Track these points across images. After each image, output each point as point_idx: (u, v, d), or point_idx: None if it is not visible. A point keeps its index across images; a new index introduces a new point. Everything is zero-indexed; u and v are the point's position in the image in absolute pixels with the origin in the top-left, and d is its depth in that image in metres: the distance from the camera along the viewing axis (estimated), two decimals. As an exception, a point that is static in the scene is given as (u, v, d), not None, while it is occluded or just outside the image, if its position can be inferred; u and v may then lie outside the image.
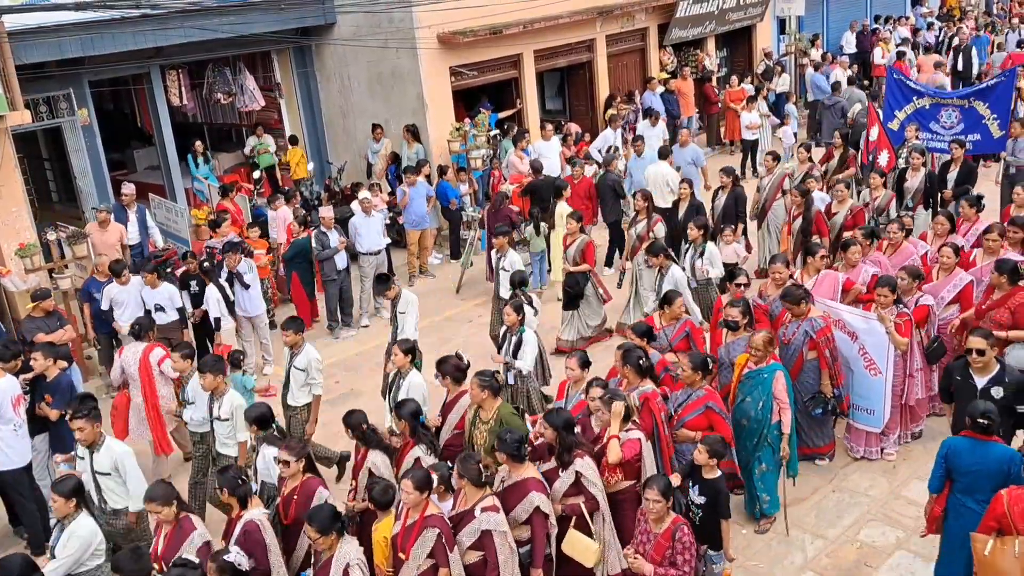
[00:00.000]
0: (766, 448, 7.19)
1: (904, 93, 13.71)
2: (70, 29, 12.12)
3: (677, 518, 5.68)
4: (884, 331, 7.74)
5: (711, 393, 6.93)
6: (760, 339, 7.13)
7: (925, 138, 13.26)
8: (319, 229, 12.08)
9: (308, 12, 15.20)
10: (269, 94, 16.09)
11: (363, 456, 6.72)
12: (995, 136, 12.89)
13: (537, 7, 15.46)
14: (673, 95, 18.18)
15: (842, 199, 11.10)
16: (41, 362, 8.23)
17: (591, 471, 6.10)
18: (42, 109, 12.83)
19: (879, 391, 7.94)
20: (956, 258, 8.49)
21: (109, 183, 13.78)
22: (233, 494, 6.05)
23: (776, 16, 21.72)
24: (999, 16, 28.48)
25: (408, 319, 9.29)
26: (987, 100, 12.90)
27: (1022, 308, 7.73)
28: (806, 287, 8.14)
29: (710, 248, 10.14)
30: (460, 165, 14.74)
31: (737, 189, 11.96)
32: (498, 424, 6.76)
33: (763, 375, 7.11)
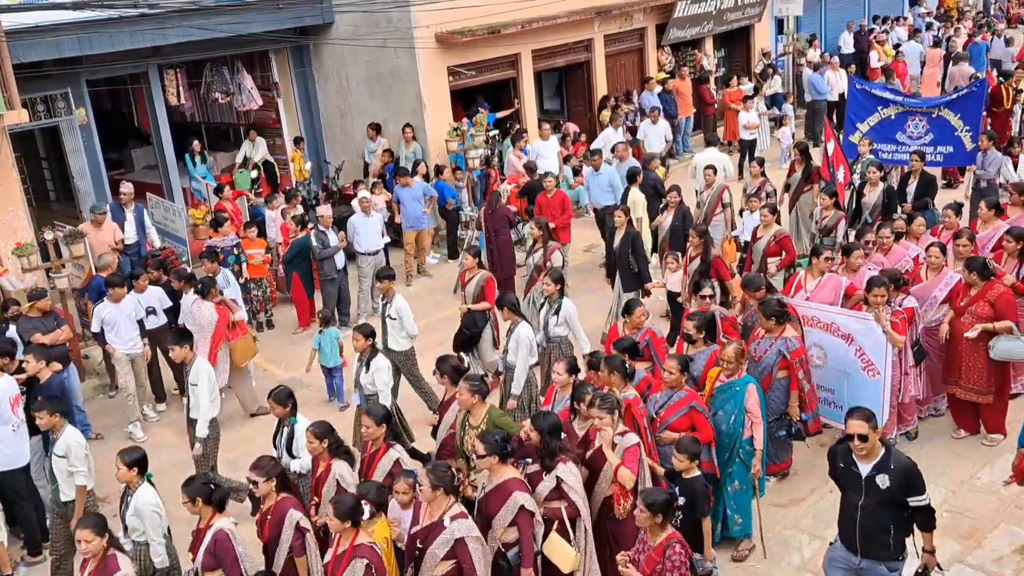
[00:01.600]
0: (738, 464, 7.04)
1: (868, 103, 13.05)
2: (68, 28, 12.11)
3: (672, 534, 5.58)
4: (881, 331, 7.73)
5: (692, 393, 6.92)
6: (732, 351, 6.98)
7: (889, 150, 12.74)
8: (318, 228, 12.08)
9: (306, 12, 15.19)
10: (267, 94, 16.08)
11: (327, 468, 6.49)
12: (967, 148, 12.38)
13: (535, 7, 15.46)
14: (671, 95, 18.18)
15: (767, 223, 10.44)
16: (33, 364, 8.22)
17: (573, 478, 6.08)
18: (39, 108, 12.82)
19: (877, 392, 7.90)
20: (944, 257, 8.52)
21: (107, 182, 13.77)
22: (208, 502, 5.89)
23: (774, 16, 21.73)
24: (996, 16, 28.53)
25: (404, 323, 9.22)
26: (957, 111, 12.32)
27: (1001, 299, 7.89)
28: (786, 305, 7.90)
29: (566, 306, 8.89)
30: (457, 165, 14.74)
31: (683, 207, 11.44)
32: (491, 427, 6.67)
33: (735, 388, 6.97)
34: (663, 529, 5.54)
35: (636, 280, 10.73)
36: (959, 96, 12.55)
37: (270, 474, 6.10)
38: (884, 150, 12.76)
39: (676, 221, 11.38)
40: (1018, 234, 8.80)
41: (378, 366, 8.14)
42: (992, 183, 12.52)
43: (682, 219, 11.34)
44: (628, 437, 6.28)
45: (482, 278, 9.92)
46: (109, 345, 9.99)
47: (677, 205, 11.40)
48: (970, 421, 8.46)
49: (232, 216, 13.08)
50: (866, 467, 5.55)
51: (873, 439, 5.48)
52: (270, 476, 6.09)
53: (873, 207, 11.36)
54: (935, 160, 12.67)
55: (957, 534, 7.26)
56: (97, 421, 10.27)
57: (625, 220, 10.80)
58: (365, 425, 6.69)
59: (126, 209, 12.45)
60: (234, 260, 11.87)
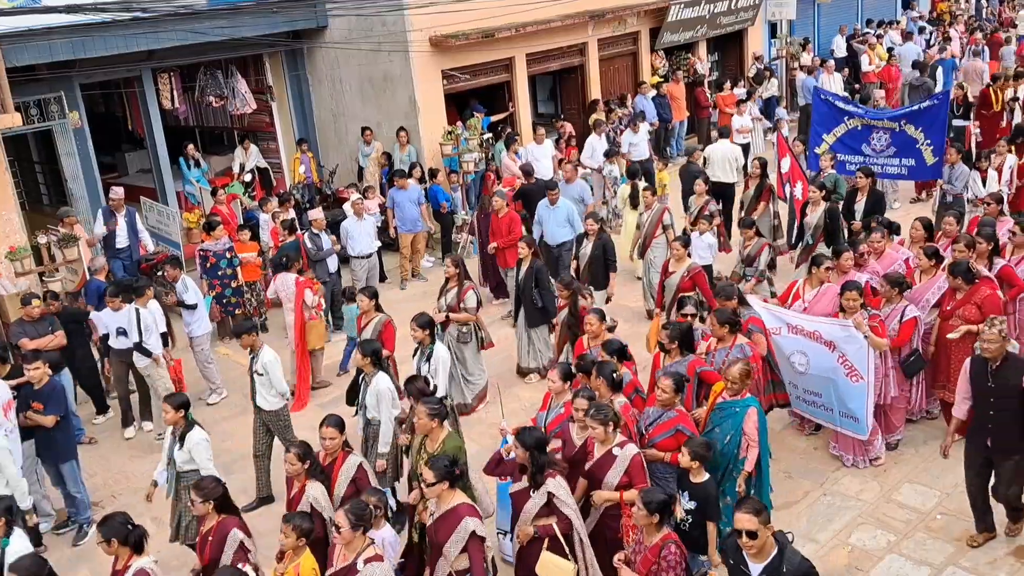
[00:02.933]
0: (731, 483, 6.92)
1: (834, 114, 12.69)
2: (61, 32, 12.09)
3: (668, 535, 5.57)
4: (862, 336, 7.70)
5: (683, 415, 6.82)
6: (737, 370, 6.85)
7: (856, 162, 12.38)
8: (311, 231, 12.07)
9: (300, 15, 15.18)
10: (261, 97, 16.07)
11: (301, 489, 6.34)
12: (929, 162, 12.01)
13: (529, 11, 15.48)
14: (664, 99, 18.22)
15: (679, 258, 9.77)
16: (42, 370, 8.17)
17: (563, 491, 5.99)
18: (33, 112, 12.79)
19: (862, 397, 7.89)
20: (932, 260, 8.55)
21: (100, 186, 13.74)
22: (125, 543, 5.62)
23: (767, 20, 21.79)
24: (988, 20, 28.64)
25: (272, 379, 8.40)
26: (918, 124, 11.95)
27: (987, 301, 7.94)
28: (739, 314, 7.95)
29: (438, 352, 8.23)
30: (452, 169, 14.75)
31: (604, 235, 10.89)
32: None
33: (735, 408, 6.85)
34: (659, 529, 5.53)
35: (542, 315, 10.17)
36: (920, 109, 12.16)
37: (208, 496, 5.96)
38: (850, 161, 12.46)
39: (596, 251, 10.74)
40: (987, 235, 8.81)
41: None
42: (959, 197, 12.38)
43: (602, 249, 10.73)
44: (627, 448, 6.22)
45: (379, 322, 8.90)
46: None
47: (596, 234, 10.77)
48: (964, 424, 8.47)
49: (227, 219, 13.06)
50: (757, 567, 5.09)
51: (763, 536, 5.01)
52: (207, 498, 5.95)
53: (815, 228, 11.02)
54: (899, 173, 12.49)
55: (951, 536, 7.28)
56: (90, 426, 10.26)
57: (530, 252, 10.21)
58: (329, 436, 6.52)
59: (117, 213, 12.41)
60: (227, 264, 11.81)
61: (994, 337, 6.51)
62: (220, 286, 11.80)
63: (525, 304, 10.23)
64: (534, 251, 10.35)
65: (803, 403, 8.46)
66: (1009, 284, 8.74)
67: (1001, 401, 6.59)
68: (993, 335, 6.52)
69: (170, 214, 13.45)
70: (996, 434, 6.68)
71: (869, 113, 12.78)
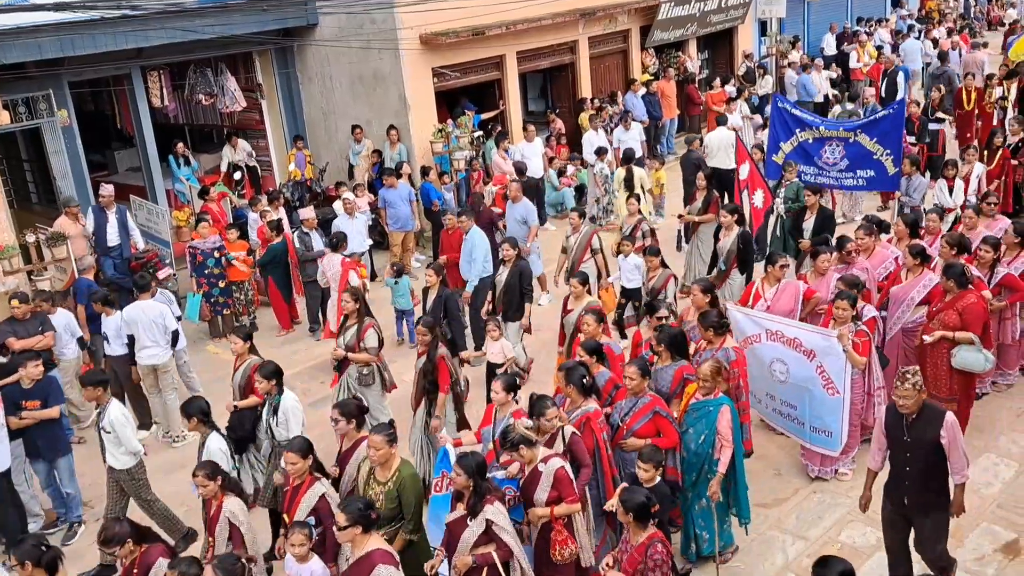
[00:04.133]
0: (706, 484, 6.89)
1: (790, 123, 12.34)
2: (49, 30, 12.02)
3: (654, 533, 5.57)
4: (842, 350, 7.60)
5: (656, 399, 6.86)
6: (707, 368, 6.81)
7: (812, 172, 12.14)
8: (301, 230, 12.05)
9: (290, 13, 15.14)
10: (251, 95, 16.02)
11: (218, 507, 6.13)
12: (889, 173, 11.65)
13: (519, 8, 15.47)
14: (655, 97, 18.24)
15: (578, 295, 8.94)
16: (41, 369, 8.15)
17: (502, 517, 5.83)
18: (21, 110, 12.72)
19: (837, 412, 7.79)
20: (917, 260, 8.51)
21: (89, 184, 13.67)
22: (38, 564, 5.55)
23: (757, 18, 21.83)
24: (976, 19, 28.77)
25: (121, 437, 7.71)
26: (874, 134, 11.62)
27: (969, 310, 7.87)
28: (725, 317, 7.85)
29: (287, 401, 7.42)
30: (442, 167, 14.73)
31: (521, 263, 10.23)
32: (397, 487, 6.12)
33: (708, 408, 6.81)
34: (645, 528, 5.55)
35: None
36: (874, 119, 11.82)
37: (121, 540, 5.79)
38: (807, 172, 12.22)
39: (511, 279, 10.04)
40: (994, 242, 8.83)
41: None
42: (916, 210, 12.07)
43: (518, 277, 10.03)
44: (551, 463, 6.10)
45: (249, 366, 8.16)
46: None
47: (513, 260, 10.06)
48: None
49: (217, 218, 13.03)
50: None
51: None
52: (122, 541, 5.78)
53: (727, 253, 10.39)
54: (857, 185, 12.21)
55: (939, 533, 7.32)
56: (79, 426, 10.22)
57: (438, 280, 9.64)
58: (291, 461, 6.21)
59: (108, 211, 12.37)
60: (214, 263, 11.78)
61: (908, 392, 6.00)
62: (208, 284, 11.82)
63: None
64: (442, 279, 9.77)
65: (779, 416, 8.31)
66: (1011, 289, 8.75)
67: (917, 455, 6.13)
68: (907, 390, 6.00)
69: (159, 212, 13.41)
70: (913, 490, 6.21)
71: (825, 123, 12.47)
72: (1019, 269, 8.96)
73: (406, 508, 6.13)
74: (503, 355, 9.07)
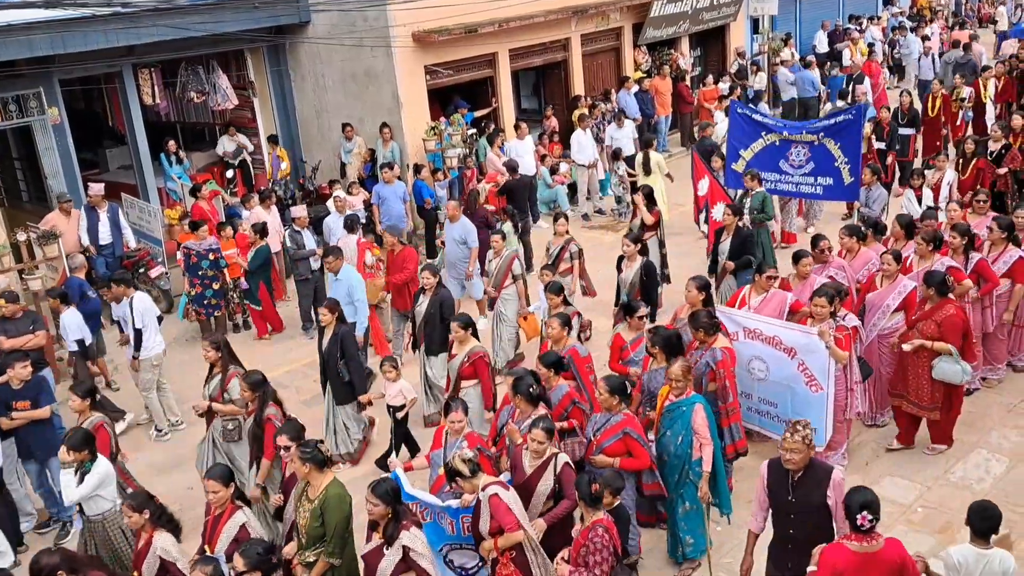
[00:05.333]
0: (689, 485, 6.82)
1: (750, 129, 11.98)
2: (40, 27, 11.98)
3: (599, 519, 5.49)
4: (824, 346, 7.57)
5: (629, 418, 6.72)
6: (678, 369, 6.74)
7: (773, 179, 11.81)
8: (293, 228, 12.03)
9: (282, 11, 15.10)
10: (242, 93, 15.99)
11: (148, 541, 5.88)
12: (846, 182, 11.33)
13: (512, 6, 15.46)
14: (647, 94, 18.25)
15: (463, 340, 8.27)
16: (29, 370, 8.11)
17: (420, 543, 5.67)
18: (11, 108, 12.68)
19: (821, 408, 7.75)
20: (897, 265, 8.39)
21: (80, 183, 13.63)
22: None
23: (749, 16, 21.84)
24: (967, 16, 28.84)
25: None
26: (838, 140, 11.30)
27: (948, 321, 7.77)
28: (716, 317, 7.74)
29: (97, 469, 6.74)
30: (436, 165, 14.72)
31: (443, 291, 9.41)
32: (321, 505, 5.94)
33: (682, 408, 6.74)
34: (594, 513, 5.56)
35: (348, 391, 8.78)
36: (838, 123, 11.45)
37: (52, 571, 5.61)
38: (768, 179, 11.85)
39: (432, 309, 9.24)
40: (963, 229, 8.87)
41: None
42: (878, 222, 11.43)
43: (439, 307, 9.25)
44: (486, 492, 5.85)
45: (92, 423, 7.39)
46: None
47: (434, 289, 9.27)
48: (910, 435, 8.36)
49: (208, 216, 13.00)
50: None
51: None
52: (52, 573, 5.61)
53: (630, 285, 9.80)
54: (815, 193, 11.91)
55: (932, 528, 7.36)
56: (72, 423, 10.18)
57: (333, 318, 8.72)
58: (212, 490, 6.03)
59: (99, 209, 12.34)
60: (209, 265, 11.67)
61: (796, 446, 5.50)
62: (200, 286, 11.72)
63: (330, 376, 8.78)
64: (338, 315, 8.80)
65: (755, 415, 8.20)
66: (984, 279, 8.77)
67: (803, 518, 5.64)
68: (796, 443, 5.50)
69: (151, 211, 13.38)
70: (798, 555, 5.59)
71: (788, 127, 12.15)
72: (1008, 263, 8.96)
73: (328, 529, 5.92)
74: (402, 397, 8.46)
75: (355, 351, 8.80)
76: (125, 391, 10.80)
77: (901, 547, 5.14)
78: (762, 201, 11.47)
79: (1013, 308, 9.08)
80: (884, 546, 5.05)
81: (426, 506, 6.32)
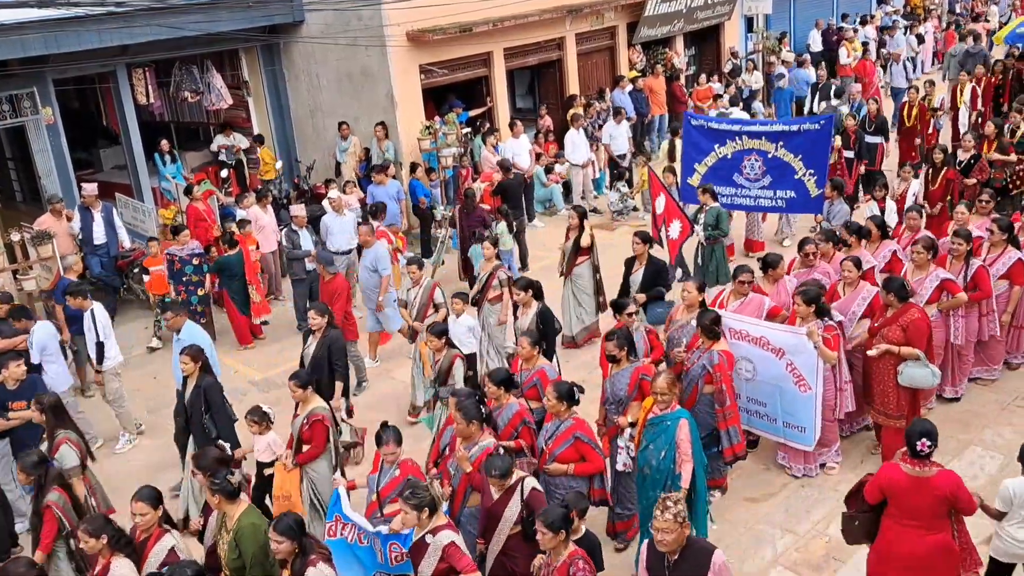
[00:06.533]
0: None
1: (704, 142, 11.49)
2: (33, 27, 11.96)
3: (575, 551, 5.32)
4: (813, 346, 7.52)
5: (579, 423, 6.59)
6: (663, 381, 6.51)
7: (728, 193, 11.43)
8: (290, 228, 12.01)
9: (276, 10, 15.09)
10: (237, 92, 15.97)
11: (105, 566, 5.68)
12: (812, 195, 10.88)
13: (506, 5, 15.46)
14: (642, 93, 18.27)
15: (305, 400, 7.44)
16: (22, 370, 8.07)
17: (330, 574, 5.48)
18: (5, 108, 12.66)
19: (810, 408, 7.72)
20: (858, 271, 8.27)
21: (74, 183, 13.61)
22: None
23: (744, 15, 21.87)
24: (962, 15, 28.87)
25: None
26: (797, 150, 10.85)
27: (913, 325, 7.57)
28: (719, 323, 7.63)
29: None
30: (430, 164, 14.72)
31: (332, 332, 8.55)
32: (236, 536, 5.83)
33: (666, 422, 6.52)
34: (566, 547, 5.32)
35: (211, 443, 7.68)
36: (803, 131, 10.97)
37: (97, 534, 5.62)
38: (723, 194, 11.48)
39: (320, 351, 8.48)
40: (965, 235, 8.80)
41: None
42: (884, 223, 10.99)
43: (327, 349, 8.48)
44: (440, 537, 5.61)
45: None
46: None
47: (323, 329, 8.48)
48: None
49: (203, 217, 12.97)
50: None
51: None
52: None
53: (526, 332, 8.55)
54: (776, 206, 11.47)
55: (926, 526, 7.37)
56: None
57: (196, 367, 7.80)
58: (139, 512, 5.83)
59: (93, 209, 12.31)
60: (193, 270, 11.50)
61: (668, 525, 5.03)
62: (185, 292, 11.53)
63: (194, 430, 7.88)
64: (201, 364, 7.89)
65: (744, 413, 8.03)
66: (978, 287, 8.66)
67: None
68: (667, 522, 5.04)
69: (145, 211, 13.36)
70: None
71: (745, 128, 11.66)
72: (1007, 264, 8.94)
73: (245, 559, 5.79)
74: (271, 452, 7.57)
75: (220, 402, 7.90)
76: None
77: (956, 479, 5.55)
78: (716, 217, 11.10)
79: (1011, 309, 9.06)
80: (936, 474, 5.49)
81: (363, 530, 6.19)
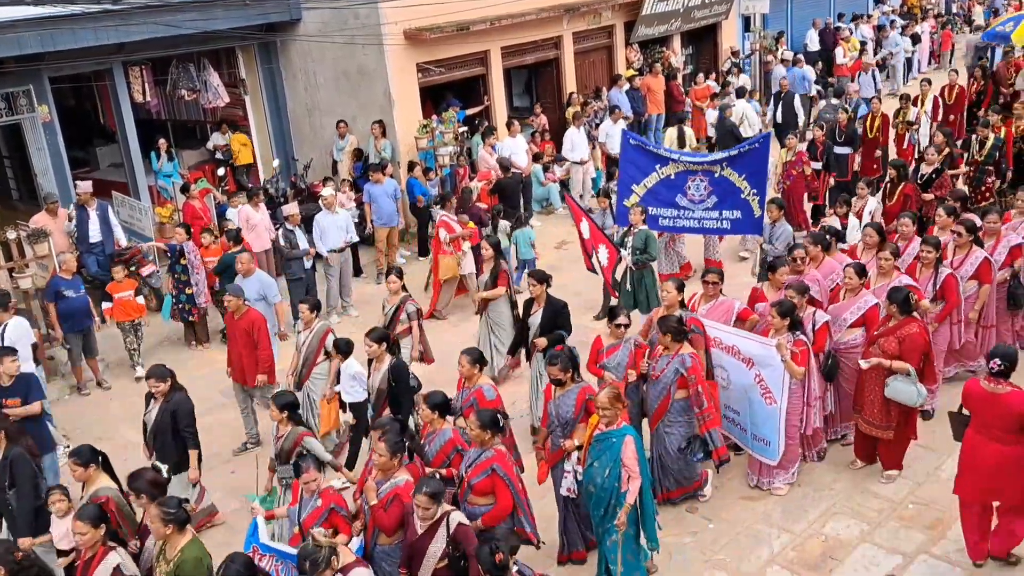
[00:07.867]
0: (615, 518, 6.44)
1: (644, 163, 11.09)
2: (29, 24, 11.92)
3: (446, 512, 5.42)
4: (780, 359, 7.46)
5: (500, 455, 6.28)
6: (605, 397, 6.38)
7: (670, 215, 11.06)
8: (286, 227, 11.99)
9: (273, 8, 15.06)
10: (234, 90, 15.93)
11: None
12: (756, 215, 10.65)
13: (504, 4, 15.45)
14: (639, 92, 18.27)
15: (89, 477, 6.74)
16: (18, 364, 8.04)
17: None
18: (1, 106, 12.63)
19: (774, 421, 7.64)
20: (860, 279, 8.14)
21: (71, 181, 13.58)
22: None
23: (741, 14, 21.88)
24: (958, 14, 28.92)
25: None
26: (741, 170, 10.58)
27: (910, 339, 7.49)
28: (684, 323, 7.58)
29: None
30: (427, 163, 14.70)
31: (177, 396, 7.74)
32: (176, 568, 5.59)
33: (611, 439, 6.39)
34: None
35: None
36: (741, 152, 10.77)
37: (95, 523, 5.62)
38: (664, 216, 11.08)
39: (163, 416, 7.71)
40: (934, 243, 8.76)
41: None
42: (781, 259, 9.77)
43: (171, 416, 7.67)
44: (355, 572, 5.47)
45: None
46: None
47: (165, 395, 7.68)
48: (869, 451, 8.14)
49: (200, 214, 12.95)
50: None
51: None
52: None
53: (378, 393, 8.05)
54: (721, 228, 11.05)
55: (922, 525, 7.39)
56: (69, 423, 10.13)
57: (166, 386, 7.58)
58: (80, 532, 5.69)
59: (88, 208, 12.27)
60: (181, 270, 11.44)
61: None
62: (175, 288, 11.57)
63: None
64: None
65: (724, 420, 7.96)
66: (944, 298, 8.61)
67: None
68: None
69: (142, 209, 13.33)
70: None
71: (685, 156, 11.47)
72: (974, 264, 8.90)
73: None
74: (68, 540, 6.42)
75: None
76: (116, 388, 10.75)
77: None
78: (644, 240, 10.66)
79: (979, 308, 9.02)
80: (1009, 392, 6.31)
81: (282, 559, 6.03)
